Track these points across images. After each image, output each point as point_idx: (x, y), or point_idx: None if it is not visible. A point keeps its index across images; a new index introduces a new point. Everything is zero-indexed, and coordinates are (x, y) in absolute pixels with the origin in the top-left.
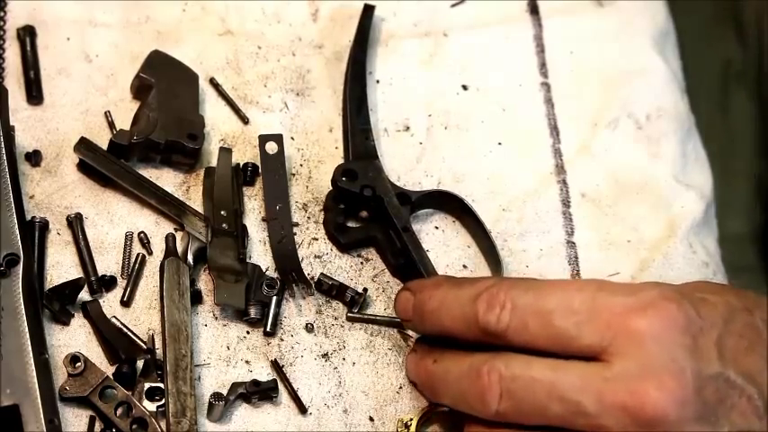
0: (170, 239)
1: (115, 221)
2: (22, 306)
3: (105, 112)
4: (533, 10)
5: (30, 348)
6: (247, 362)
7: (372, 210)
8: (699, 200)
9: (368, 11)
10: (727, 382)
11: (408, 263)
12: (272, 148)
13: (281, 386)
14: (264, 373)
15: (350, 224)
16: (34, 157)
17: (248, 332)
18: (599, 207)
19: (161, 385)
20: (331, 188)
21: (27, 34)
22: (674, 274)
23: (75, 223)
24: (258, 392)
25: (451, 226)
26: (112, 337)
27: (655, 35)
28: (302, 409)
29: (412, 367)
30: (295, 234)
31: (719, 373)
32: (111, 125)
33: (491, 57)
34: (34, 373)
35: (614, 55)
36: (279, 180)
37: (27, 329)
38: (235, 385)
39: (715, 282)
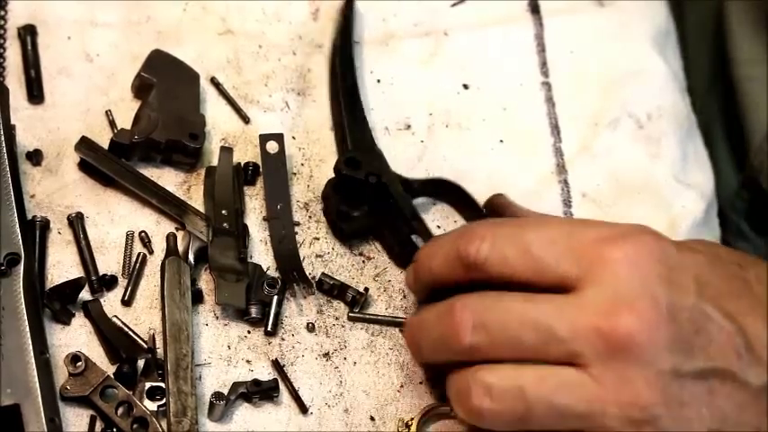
0: (171, 239)
1: (116, 221)
2: (23, 305)
3: (106, 112)
4: (534, 9)
5: (30, 348)
6: (248, 361)
7: (375, 199)
8: (699, 199)
9: (350, 3)
10: (703, 314)
11: (415, 251)
12: (272, 147)
13: (281, 386)
14: (265, 373)
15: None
16: (35, 157)
17: (249, 332)
18: (600, 207)
19: (162, 385)
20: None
21: (28, 33)
22: None
23: (76, 222)
24: (259, 392)
25: (453, 225)
26: (113, 337)
27: (655, 35)
28: (303, 409)
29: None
30: (296, 233)
31: (695, 305)
32: (112, 124)
33: (492, 56)
34: (35, 373)
35: (615, 55)
36: (280, 179)
37: (28, 329)
38: (236, 385)
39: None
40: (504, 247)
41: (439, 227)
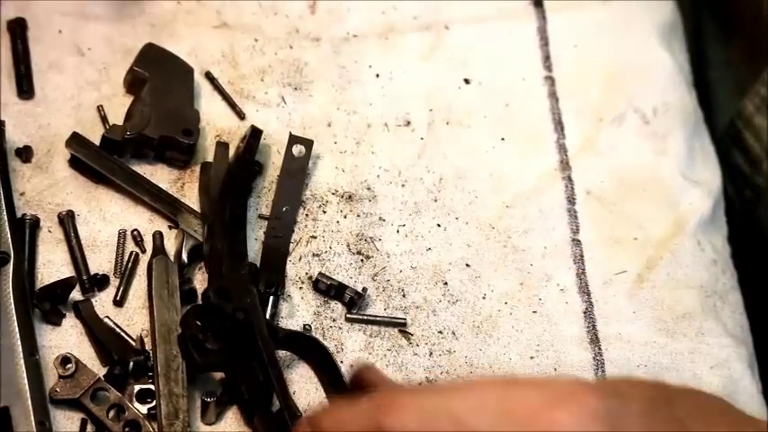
0: (157, 238)
1: (108, 219)
2: (12, 306)
3: (98, 107)
4: (537, 2)
5: (20, 349)
6: None
7: (237, 337)
8: (706, 197)
9: (256, 133)
10: None
11: (266, 398)
12: (299, 151)
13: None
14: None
15: (208, 345)
16: (25, 153)
17: None
18: (604, 204)
19: (152, 387)
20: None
21: (18, 27)
22: (683, 271)
23: (67, 221)
24: None
25: (454, 223)
26: (105, 338)
27: (661, 29)
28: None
29: None
30: (293, 232)
31: None
32: (104, 120)
33: (493, 50)
34: (24, 375)
35: (620, 48)
36: (295, 183)
37: (17, 330)
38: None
39: (632, 377)
40: (433, 419)
41: (439, 225)
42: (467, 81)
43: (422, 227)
